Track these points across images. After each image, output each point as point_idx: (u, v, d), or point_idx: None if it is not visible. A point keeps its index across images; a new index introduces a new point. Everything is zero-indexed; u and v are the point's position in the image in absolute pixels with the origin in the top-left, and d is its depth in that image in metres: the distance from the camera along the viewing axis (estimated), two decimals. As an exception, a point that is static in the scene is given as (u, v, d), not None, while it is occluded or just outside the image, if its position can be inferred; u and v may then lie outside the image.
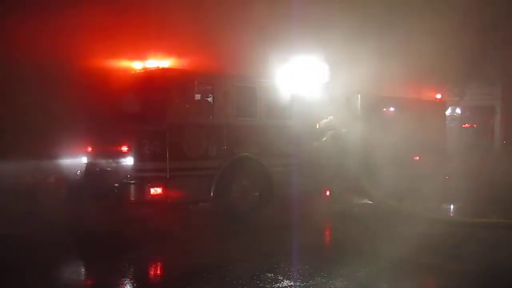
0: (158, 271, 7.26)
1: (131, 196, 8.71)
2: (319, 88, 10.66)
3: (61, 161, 10.13)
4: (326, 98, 10.90)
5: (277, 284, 6.21)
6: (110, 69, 9.83)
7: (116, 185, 8.81)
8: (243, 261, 7.13)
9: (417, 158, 12.86)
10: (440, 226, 9.54)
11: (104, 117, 9.43)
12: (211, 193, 9.22)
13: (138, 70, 9.47)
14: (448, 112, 15.80)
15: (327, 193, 11.15)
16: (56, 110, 10.36)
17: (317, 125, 11.41)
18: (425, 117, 12.67)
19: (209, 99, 9.66)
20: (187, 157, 9.00)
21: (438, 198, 11.92)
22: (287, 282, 6.28)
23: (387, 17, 12.75)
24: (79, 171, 9.62)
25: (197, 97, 9.48)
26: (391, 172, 10.56)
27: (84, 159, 9.63)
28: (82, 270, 7.36)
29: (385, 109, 12.92)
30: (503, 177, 14.29)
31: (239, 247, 7.87)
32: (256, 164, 9.81)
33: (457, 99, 17.60)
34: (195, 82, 8.96)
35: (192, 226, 8.93)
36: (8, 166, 10.35)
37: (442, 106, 14.79)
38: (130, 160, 8.78)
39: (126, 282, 6.53)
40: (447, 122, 15.41)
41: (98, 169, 9.28)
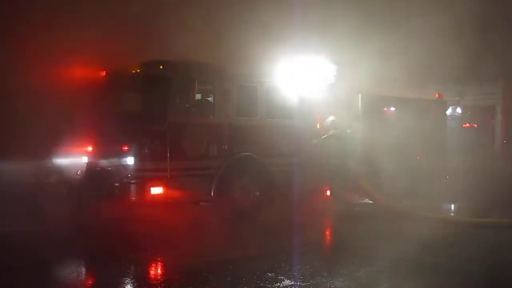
0: (158, 271, 7.25)
1: (132, 196, 8.69)
2: (321, 88, 10.65)
3: (61, 161, 10.13)
4: (328, 98, 10.89)
5: (278, 284, 6.20)
6: (110, 69, 9.83)
7: (117, 185, 8.80)
8: (244, 261, 7.12)
9: (418, 158, 12.85)
10: (441, 226, 9.53)
11: (105, 117, 9.43)
12: (212, 193, 9.22)
13: (139, 70, 9.45)
14: (449, 112, 15.76)
15: (328, 193, 11.14)
16: (56, 110, 10.38)
17: (323, 124, 11.37)
18: (426, 117, 12.65)
19: (210, 99, 9.66)
20: (188, 157, 8.99)
21: (439, 198, 11.91)
22: (288, 282, 6.27)
23: (387, 17, 12.75)
24: (80, 171, 9.60)
25: (198, 97, 9.47)
26: (393, 172, 10.57)
27: (85, 159, 9.61)
28: (82, 270, 7.35)
29: (386, 109, 12.91)
30: (504, 177, 14.26)
31: (240, 247, 7.86)
32: (257, 164, 9.80)
33: (458, 99, 17.56)
34: (196, 82, 8.94)
35: (193, 226, 8.91)
36: (9, 166, 10.36)
37: (443, 106, 14.77)
38: (131, 160, 8.76)
39: (127, 282, 6.53)
40: (448, 122, 15.38)
41: (99, 169, 9.27)
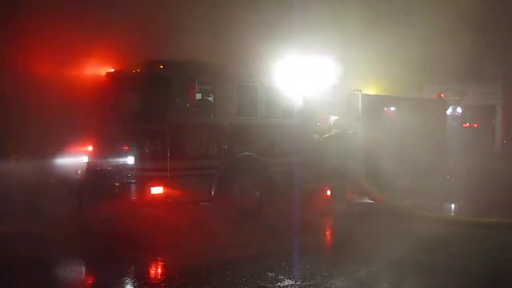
0: (158, 271, 7.25)
1: (132, 196, 8.68)
2: (321, 88, 10.64)
3: (61, 161, 10.12)
4: (329, 98, 10.89)
5: (278, 284, 6.20)
6: (111, 69, 9.82)
7: (117, 185, 8.79)
8: (244, 260, 7.12)
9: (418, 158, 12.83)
10: (441, 226, 9.53)
11: (105, 117, 9.43)
12: (212, 193, 9.21)
13: (139, 69, 9.44)
14: (449, 112, 15.74)
15: (328, 193, 11.13)
16: (57, 110, 10.37)
17: (326, 123, 11.36)
18: (426, 117, 12.64)
19: (210, 98, 9.65)
20: (188, 157, 8.98)
21: (439, 197, 11.91)
22: (288, 282, 6.27)
23: (387, 17, 12.74)
24: (80, 171, 9.60)
25: (198, 97, 9.46)
26: (393, 172, 10.56)
27: (85, 159, 9.61)
28: (82, 270, 7.35)
29: (386, 109, 12.90)
30: (504, 177, 14.25)
31: (240, 247, 7.86)
32: (257, 164, 9.79)
33: (458, 99, 17.55)
34: (196, 81, 8.93)
35: (193, 226, 8.91)
36: (9, 166, 10.36)
37: (443, 106, 14.76)
38: (131, 160, 8.75)
39: (127, 282, 6.53)
40: (448, 122, 15.37)
41: (99, 169, 9.26)
